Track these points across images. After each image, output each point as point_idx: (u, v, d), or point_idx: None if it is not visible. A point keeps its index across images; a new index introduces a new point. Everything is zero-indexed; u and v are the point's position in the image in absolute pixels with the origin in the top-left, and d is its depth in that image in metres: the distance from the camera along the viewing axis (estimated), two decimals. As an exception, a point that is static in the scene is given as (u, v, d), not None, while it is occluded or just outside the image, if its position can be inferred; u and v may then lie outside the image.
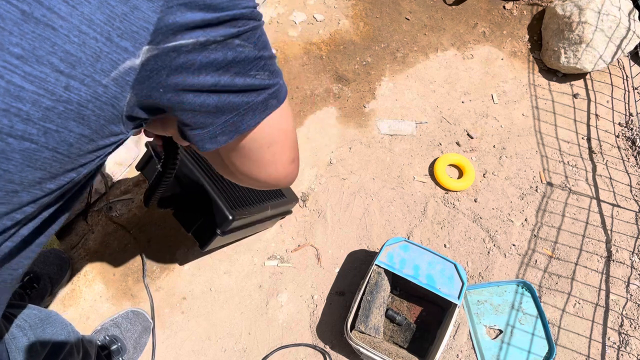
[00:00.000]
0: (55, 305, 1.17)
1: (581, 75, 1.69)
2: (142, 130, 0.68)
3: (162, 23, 0.45)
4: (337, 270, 1.29)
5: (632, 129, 1.59)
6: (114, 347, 1.07)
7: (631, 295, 1.31)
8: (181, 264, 1.26)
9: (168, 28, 0.45)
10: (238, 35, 0.51)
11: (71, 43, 0.43)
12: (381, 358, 1.04)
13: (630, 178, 1.51)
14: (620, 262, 1.36)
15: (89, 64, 0.44)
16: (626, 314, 1.28)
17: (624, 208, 1.45)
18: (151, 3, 0.44)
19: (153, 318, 1.17)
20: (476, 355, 1.20)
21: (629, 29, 1.56)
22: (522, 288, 1.30)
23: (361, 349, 1.05)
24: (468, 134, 1.54)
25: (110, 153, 0.53)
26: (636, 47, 1.67)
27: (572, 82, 1.69)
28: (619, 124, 1.62)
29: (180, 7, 0.45)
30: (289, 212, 1.31)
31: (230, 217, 1.04)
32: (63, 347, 0.74)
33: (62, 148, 0.47)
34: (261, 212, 1.16)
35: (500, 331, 1.24)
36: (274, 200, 1.19)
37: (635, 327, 1.26)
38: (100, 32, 0.43)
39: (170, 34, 0.45)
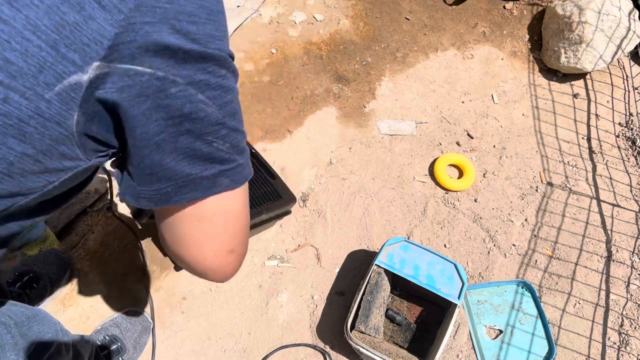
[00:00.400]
0: (55, 305, 1.17)
1: (581, 75, 1.69)
2: None
3: (120, 40, 0.40)
4: (337, 270, 1.29)
5: (632, 129, 1.59)
6: (113, 347, 1.07)
7: (631, 295, 1.31)
8: (181, 264, 1.26)
9: (126, 47, 0.41)
10: (202, 89, 0.45)
11: (12, 50, 0.39)
12: (381, 358, 1.04)
13: (630, 178, 1.51)
14: (621, 262, 1.36)
15: (31, 75, 0.39)
16: (626, 314, 1.28)
17: (624, 208, 1.45)
18: (110, 15, 0.40)
19: (153, 318, 1.17)
20: (476, 355, 1.20)
21: (629, 29, 1.56)
22: (522, 288, 1.30)
23: (361, 349, 1.05)
24: (468, 134, 1.54)
25: (73, 179, 0.48)
26: (636, 47, 1.67)
27: (572, 82, 1.69)
28: (619, 123, 1.62)
29: (145, 25, 0.41)
30: (287, 212, 1.31)
31: None
32: (49, 346, 0.72)
33: (0, 166, 0.42)
34: (255, 217, 1.16)
35: (501, 331, 1.24)
36: (268, 203, 1.19)
37: (635, 327, 1.26)
38: (45, 39, 0.39)
39: (128, 54, 0.41)
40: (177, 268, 1.12)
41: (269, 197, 1.21)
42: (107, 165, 0.64)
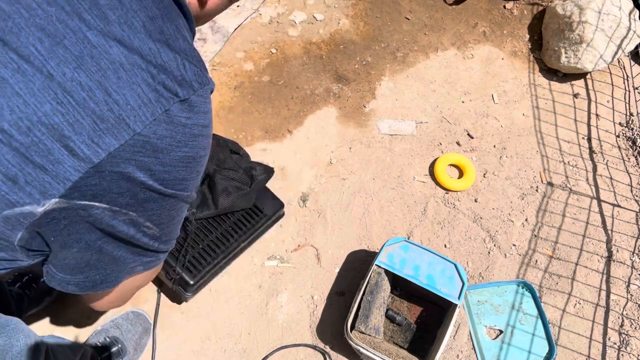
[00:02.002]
0: (56, 306, 1.17)
1: (581, 75, 1.69)
2: None
3: (84, 182, 0.42)
4: (337, 270, 1.29)
5: (632, 129, 1.59)
6: (114, 348, 1.06)
7: (631, 295, 1.31)
8: (181, 264, 1.26)
9: (89, 188, 0.42)
10: (152, 219, 0.49)
11: None
12: (381, 358, 1.04)
13: (630, 178, 1.51)
14: (621, 262, 1.36)
15: None
16: (627, 314, 1.28)
17: (625, 208, 1.45)
18: (78, 162, 0.41)
19: (155, 319, 1.17)
20: (476, 356, 1.20)
21: (629, 29, 1.56)
22: (523, 288, 1.30)
23: (361, 349, 1.05)
24: (468, 134, 1.54)
25: (13, 270, 0.53)
26: (636, 47, 1.67)
27: (573, 82, 1.68)
28: (620, 123, 1.62)
29: (112, 174, 0.42)
30: (280, 216, 1.30)
31: (192, 283, 1.10)
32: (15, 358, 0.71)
33: None
34: (234, 250, 1.18)
35: (501, 331, 1.24)
36: (249, 231, 1.20)
37: (635, 328, 1.26)
38: (4, 172, 0.40)
39: (90, 193, 0.43)
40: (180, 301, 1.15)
41: (249, 217, 1.21)
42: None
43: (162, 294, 1.20)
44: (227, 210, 1.17)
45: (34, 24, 0.39)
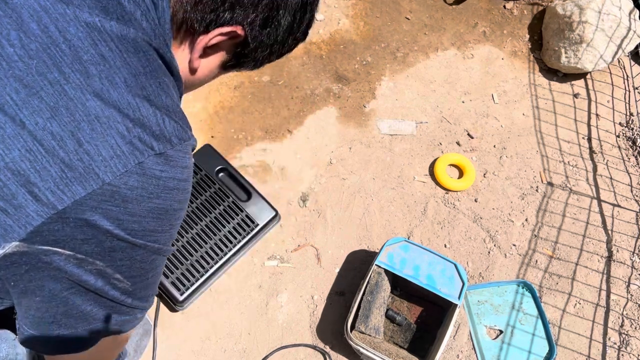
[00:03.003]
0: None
1: (582, 75, 1.69)
2: None
3: (47, 227, 0.42)
4: (337, 270, 1.29)
5: (632, 129, 1.59)
6: None
7: (632, 295, 1.31)
8: (181, 264, 1.26)
9: (52, 234, 0.42)
10: (122, 271, 0.48)
11: None
12: (381, 358, 1.04)
13: (630, 178, 1.51)
14: (621, 262, 1.36)
15: None
16: (627, 314, 1.28)
17: (625, 208, 1.45)
18: (42, 207, 0.41)
19: (155, 320, 1.17)
20: (476, 356, 1.20)
21: (629, 29, 1.56)
22: (523, 288, 1.30)
23: (361, 349, 1.05)
24: (468, 134, 1.54)
25: None
26: (637, 47, 1.67)
27: (573, 82, 1.68)
28: (620, 123, 1.62)
29: (76, 220, 0.42)
30: (274, 225, 1.31)
31: (180, 299, 1.12)
32: None
33: None
34: (224, 264, 1.19)
35: (501, 331, 1.24)
36: (239, 243, 1.21)
37: (635, 328, 1.26)
38: None
39: (52, 239, 0.42)
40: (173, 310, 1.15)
41: (241, 228, 1.22)
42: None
43: (162, 294, 1.20)
44: None
45: (12, 75, 0.41)
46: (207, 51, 0.56)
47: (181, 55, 0.54)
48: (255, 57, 0.59)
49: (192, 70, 0.57)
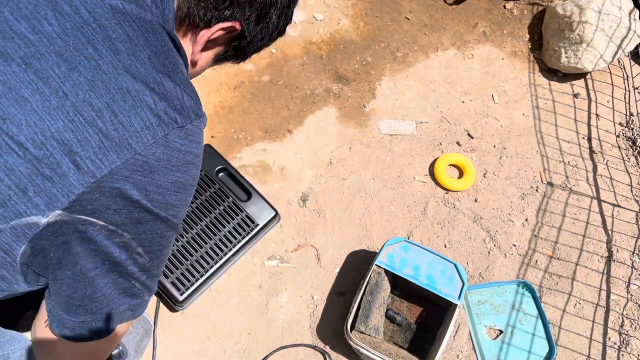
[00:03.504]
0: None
1: (582, 75, 1.69)
2: None
3: (85, 197, 0.45)
4: (337, 270, 1.29)
5: (632, 129, 1.59)
6: (115, 351, 1.06)
7: (632, 295, 1.31)
8: (181, 264, 1.26)
9: (89, 203, 0.45)
10: (144, 245, 0.51)
11: None
12: (381, 358, 1.04)
13: (630, 178, 1.51)
14: (621, 262, 1.36)
15: None
16: (627, 314, 1.28)
17: (625, 208, 1.45)
18: (83, 177, 0.44)
19: (155, 320, 1.17)
20: (476, 356, 1.20)
21: (629, 29, 1.56)
22: (523, 288, 1.30)
23: (361, 350, 1.05)
24: (468, 134, 1.54)
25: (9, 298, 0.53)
26: (637, 47, 1.67)
27: (573, 82, 1.68)
28: (620, 123, 1.62)
29: (113, 189, 0.45)
30: (274, 225, 1.31)
31: (180, 299, 1.13)
32: None
33: None
34: (224, 264, 1.20)
35: (501, 331, 1.24)
36: (239, 243, 1.21)
37: (635, 328, 1.26)
38: (17, 182, 0.44)
39: (89, 208, 0.45)
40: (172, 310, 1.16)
41: (241, 228, 1.22)
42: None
43: (162, 294, 1.20)
44: None
45: (54, 51, 0.44)
46: (208, 45, 0.59)
47: (185, 47, 0.58)
48: (247, 50, 0.64)
49: (193, 63, 0.61)
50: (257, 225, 1.23)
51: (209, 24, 0.56)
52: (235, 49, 0.63)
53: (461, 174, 1.46)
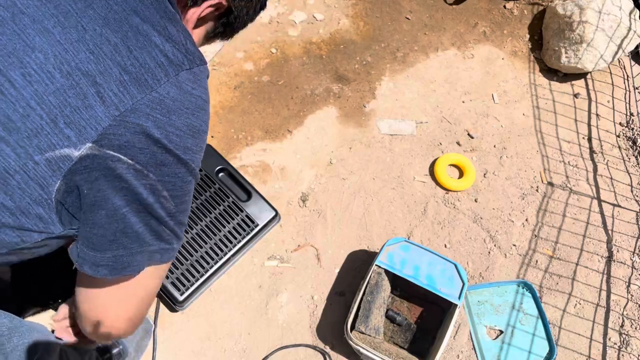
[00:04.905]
0: (57, 306, 1.17)
1: (582, 75, 1.69)
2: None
3: (112, 131, 0.46)
4: (337, 270, 1.29)
5: (632, 129, 1.59)
6: (115, 350, 1.06)
7: (632, 295, 1.31)
8: (181, 264, 1.26)
9: (116, 138, 0.47)
10: (168, 188, 0.53)
11: (15, 111, 0.44)
12: (381, 358, 1.04)
13: (631, 178, 1.51)
14: (621, 262, 1.36)
15: (25, 136, 0.44)
16: (627, 314, 1.28)
17: (625, 208, 1.45)
18: (107, 109, 0.46)
19: (155, 320, 1.17)
20: (477, 356, 1.20)
21: (629, 29, 1.56)
22: (523, 288, 1.29)
23: (361, 350, 1.04)
24: (468, 134, 1.54)
25: (40, 246, 0.53)
26: (637, 47, 1.67)
27: (573, 82, 1.68)
28: (620, 123, 1.61)
29: (136, 125, 0.47)
30: (273, 226, 1.31)
31: (180, 299, 1.13)
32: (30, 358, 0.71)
33: None
34: (224, 265, 1.20)
35: (501, 331, 1.24)
36: (239, 243, 1.21)
37: (636, 328, 1.26)
38: (48, 112, 0.45)
39: (116, 143, 0.47)
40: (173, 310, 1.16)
41: (241, 228, 1.22)
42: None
43: (162, 294, 1.20)
44: None
45: None
46: (198, 23, 0.62)
47: None
48: (234, 25, 0.66)
49: None
50: (257, 225, 1.23)
51: (196, 2, 0.58)
52: (224, 25, 0.65)
53: (461, 174, 1.46)
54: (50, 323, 0.87)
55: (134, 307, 0.61)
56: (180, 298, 1.12)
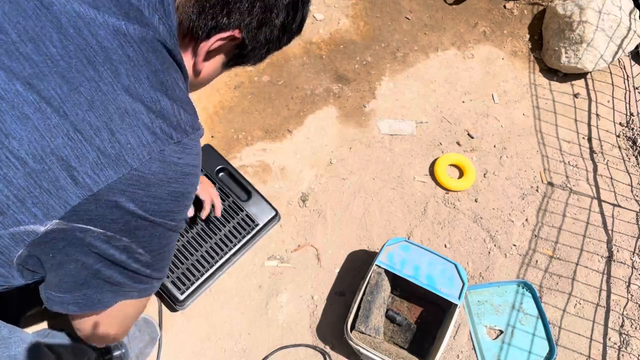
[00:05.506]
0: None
1: (582, 74, 1.69)
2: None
3: (83, 207, 0.47)
4: (337, 270, 1.29)
5: (632, 129, 1.59)
6: (117, 352, 1.05)
7: (632, 295, 1.31)
8: (181, 264, 1.26)
9: (86, 213, 0.48)
10: (144, 245, 0.54)
11: None
12: (381, 358, 1.04)
13: (631, 178, 1.51)
14: (621, 262, 1.35)
15: None
16: (627, 314, 1.28)
17: (625, 208, 1.45)
18: (80, 190, 0.47)
19: (160, 325, 1.16)
20: (477, 356, 1.20)
21: (629, 29, 1.56)
22: (523, 288, 1.29)
23: (361, 350, 1.04)
24: (468, 134, 1.54)
25: (6, 290, 0.55)
26: (637, 47, 1.67)
27: (573, 82, 1.68)
28: (620, 123, 1.61)
29: (109, 201, 0.48)
30: (274, 225, 1.31)
31: (181, 299, 1.13)
32: None
33: None
34: (224, 264, 1.20)
35: (501, 331, 1.24)
36: (239, 243, 1.21)
37: (636, 328, 1.26)
38: (15, 193, 0.46)
39: (86, 217, 0.48)
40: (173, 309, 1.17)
41: (241, 227, 1.22)
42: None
43: (162, 294, 1.20)
44: None
45: (56, 72, 0.47)
46: (210, 54, 0.61)
47: (186, 59, 0.60)
48: (254, 55, 0.65)
49: (197, 72, 0.63)
50: (258, 224, 1.23)
51: (208, 35, 0.57)
52: (240, 56, 0.64)
53: (461, 174, 1.46)
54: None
55: (117, 324, 0.64)
56: (181, 297, 1.12)
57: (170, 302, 1.15)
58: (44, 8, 0.47)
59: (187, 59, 0.60)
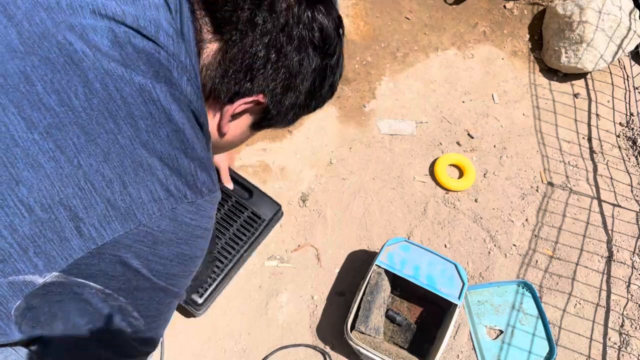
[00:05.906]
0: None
1: (582, 74, 1.69)
2: None
3: (84, 261, 0.46)
4: (337, 270, 1.29)
5: (632, 129, 1.59)
6: None
7: (632, 295, 1.31)
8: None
9: (88, 267, 0.46)
10: (139, 309, 0.52)
11: None
12: (381, 358, 1.04)
13: (631, 178, 1.51)
14: (621, 262, 1.36)
15: None
16: (627, 314, 1.28)
17: (625, 208, 1.45)
18: (84, 243, 0.46)
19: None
20: (477, 356, 1.20)
21: (629, 29, 1.56)
22: (523, 288, 1.29)
23: (361, 350, 1.04)
24: (468, 134, 1.54)
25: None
26: (637, 47, 1.67)
27: (573, 82, 1.68)
28: (620, 123, 1.62)
29: (111, 256, 0.47)
30: (279, 218, 1.31)
31: (200, 302, 1.13)
32: None
33: None
34: (237, 262, 1.20)
35: (501, 331, 1.24)
36: (249, 240, 1.21)
37: (636, 328, 1.26)
38: (19, 242, 0.45)
39: (87, 272, 0.47)
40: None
41: (249, 225, 1.22)
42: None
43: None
44: None
45: (76, 123, 0.46)
46: (235, 116, 0.61)
47: (210, 120, 0.60)
48: (281, 119, 0.64)
49: (222, 134, 0.62)
50: (264, 220, 1.23)
51: (231, 100, 0.57)
52: (268, 119, 0.64)
53: (461, 174, 1.46)
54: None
55: None
56: (200, 301, 1.12)
57: (190, 308, 1.14)
58: (74, 64, 0.47)
59: (211, 120, 0.60)
